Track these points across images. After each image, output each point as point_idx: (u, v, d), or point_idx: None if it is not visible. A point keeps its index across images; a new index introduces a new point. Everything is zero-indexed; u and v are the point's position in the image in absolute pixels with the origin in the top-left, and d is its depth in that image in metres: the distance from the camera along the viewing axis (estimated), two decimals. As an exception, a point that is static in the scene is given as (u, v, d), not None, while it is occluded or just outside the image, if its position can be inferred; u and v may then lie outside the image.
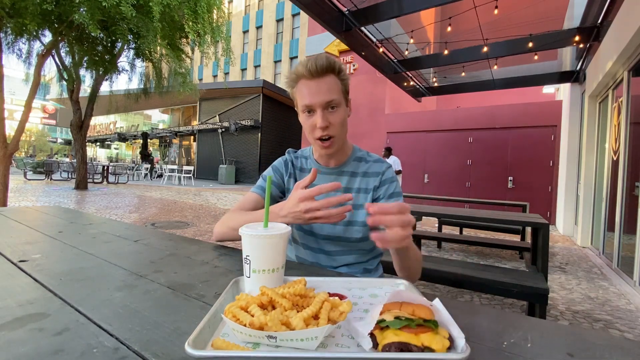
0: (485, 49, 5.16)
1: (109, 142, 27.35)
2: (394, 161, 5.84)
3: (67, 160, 17.34)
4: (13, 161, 11.23)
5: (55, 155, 29.22)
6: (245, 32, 24.48)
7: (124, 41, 7.92)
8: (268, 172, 1.02)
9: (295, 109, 0.93)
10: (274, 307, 0.48)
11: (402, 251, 0.74)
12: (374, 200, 0.94)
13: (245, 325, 0.42)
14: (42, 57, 6.70)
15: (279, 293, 0.49)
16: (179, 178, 14.57)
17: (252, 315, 0.43)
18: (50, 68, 9.33)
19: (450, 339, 0.42)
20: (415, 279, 0.83)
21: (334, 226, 0.92)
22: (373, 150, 1.06)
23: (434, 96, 8.80)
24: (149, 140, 18.80)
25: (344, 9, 4.36)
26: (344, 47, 9.90)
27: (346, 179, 0.96)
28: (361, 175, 0.96)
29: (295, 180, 1.01)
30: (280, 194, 1.01)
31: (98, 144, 28.16)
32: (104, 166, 13.12)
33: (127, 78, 24.39)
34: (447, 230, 5.27)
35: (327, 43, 10.80)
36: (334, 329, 0.47)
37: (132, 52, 8.88)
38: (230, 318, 0.43)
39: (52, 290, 0.59)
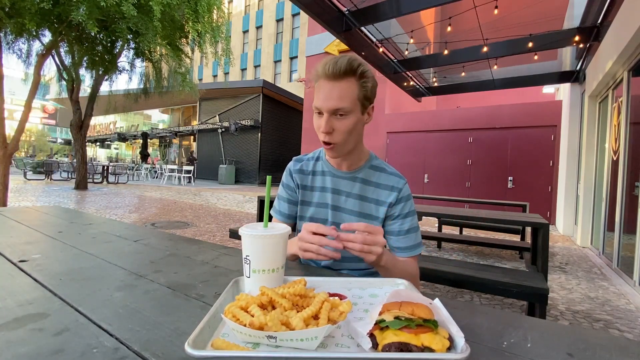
0: (485, 49, 5.15)
1: (109, 142, 27.34)
2: None
3: (67, 160, 17.32)
4: (13, 161, 11.21)
5: (55, 155, 29.18)
6: (245, 32, 24.47)
7: (123, 40, 7.91)
8: (280, 190, 1.02)
9: None
10: (274, 307, 0.48)
11: (379, 269, 0.79)
12: (388, 216, 0.92)
13: (245, 326, 0.42)
14: (41, 57, 6.69)
15: (279, 293, 0.49)
16: (179, 178, 14.58)
17: (252, 315, 0.43)
18: (50, 68, 9.35)
19: (450, 338, 0.42)
20: None
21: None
22: (373, 151, 1.05)
23: (434, 96, 8.79)
24: (149, 140, 18.78)
25: (344, 9, 4.36)
26: (344, 47, 9.86)
27: (358, 185, 0.93)
28: (374, 185, 0.93)
29: (305, 188, 0.98)
30: (295, 207, 1.00)
31: (98, 144, 28.14)
32: (103, 166, 13.11)
33: (127, 78, 24.36)
34: (447, 230, 5.27)
35: (327, 43, 10.76)
36: (334, 329, 0.47)
37: (132, 52, 8.86)
38: (230, 318, 0.43)
39: (52, 290, 0.59)
